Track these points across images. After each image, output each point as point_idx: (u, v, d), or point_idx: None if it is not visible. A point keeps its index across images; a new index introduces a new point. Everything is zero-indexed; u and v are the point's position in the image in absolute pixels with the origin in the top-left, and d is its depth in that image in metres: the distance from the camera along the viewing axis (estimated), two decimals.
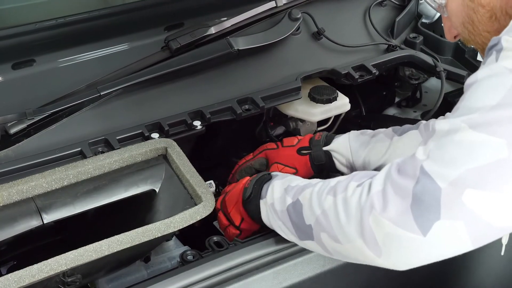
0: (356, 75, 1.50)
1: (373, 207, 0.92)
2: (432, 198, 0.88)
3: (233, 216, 1.20)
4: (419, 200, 0.89)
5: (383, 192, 0.92)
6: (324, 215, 0.99)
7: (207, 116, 1.35)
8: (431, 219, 0.88)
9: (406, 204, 0.89)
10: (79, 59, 1.40)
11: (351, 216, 0.94)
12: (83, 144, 1.26)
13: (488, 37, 0.96)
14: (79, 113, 1.32)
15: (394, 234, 0.90)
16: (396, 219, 0.90)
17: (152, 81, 1.39)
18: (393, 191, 0.91)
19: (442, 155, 0.89)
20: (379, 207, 0.91)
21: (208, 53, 1.43)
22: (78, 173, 1.20)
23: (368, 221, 0.92)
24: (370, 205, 0.92)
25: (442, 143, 0.90)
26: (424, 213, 0.88)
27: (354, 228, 0.94)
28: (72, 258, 1.04)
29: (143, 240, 1.08)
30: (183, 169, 1.22)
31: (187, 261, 1.13)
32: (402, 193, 0.90)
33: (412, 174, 0.91)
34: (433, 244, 0.89)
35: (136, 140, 1.30)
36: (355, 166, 1.31)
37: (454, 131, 0.89)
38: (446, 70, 1.57)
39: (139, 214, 1.22)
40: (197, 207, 1.14)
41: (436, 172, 0.89)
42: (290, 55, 1.54)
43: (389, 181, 0.93)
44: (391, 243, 0.91)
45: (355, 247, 0.95)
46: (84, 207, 1.18)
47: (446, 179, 0.88)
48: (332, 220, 0.97)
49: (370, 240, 0.93)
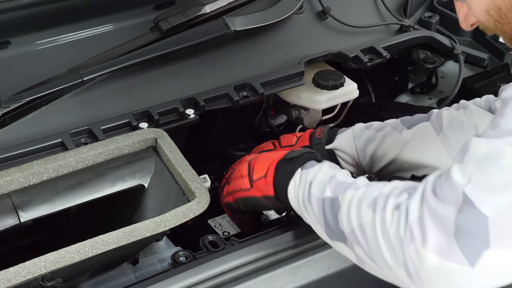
0: (365, 59, 1.50)
1: (413, 238, 0.91)
2: (479, 227, 0.87)
3: (257, 168, 1.17)
4: (463, 229, 0.88)
5: (420, 220, 0.91)
6: (361, 230, 0.98)
7: (201, 104, 1.35)
8: (479, 248, 0.87)
9: (449, 234, 0.89)
10: (60, 41, 1.40)
11: (390, 244, 0.94)
12: (64, 134, 1.26)
13: None
14: (59, 100, 1.31)
15: (439, 266, 0.90)
16: (440, 250, 0.89)
17: (140, 65, 1.39)
18: (432, 221, 0.90)
19: (487, 180, 0.88)
20: (419, 238, 0.90)
21: (202, 34, 1.43)
22: (59, 166, 1.20)
23: (409, 252, 0.91)
24: (410, 236, 0.91)
25: (485, 167, 0.89)
26: (471, 243, 0.88)
27: (393, 255, 0.93)
28: (52, 261, 1.04)
29: (131, 240, 1.08)
30: (175, 162, 1.22)
31: (179, 263, 1.13)
32: (443, 223, 0.89)
33: (452, 201, 0.89)
34: (482, 274, 0.89)
35: (123, 131, 1.29)
36: (361, 164, 1.32)
37: (498, 154, 0.88)
38: (465, 53, 1.57)
39: (126, 212, 1.22)
40: (190, 204, 1.14)
41: (482, 200, 0.87)
42: (292, 36, 1.54)
43: (426, 208, 0.91)
44: (436, 275, 0.90)
45: (394, 273, 0.95)
46: (65, 204, 1.17)
47: (494, 207, 0.87)
48: (370, 240, 0.97)
49: (412, 271, 0.92)
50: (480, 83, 1.59)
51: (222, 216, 1.36)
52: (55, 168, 1.20)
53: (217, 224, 1.35)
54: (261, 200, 1.18)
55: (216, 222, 1.36)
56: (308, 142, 1.36)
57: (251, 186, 1.18)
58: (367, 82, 1.66)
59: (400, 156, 1.29)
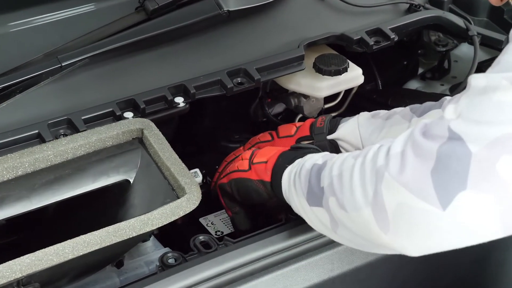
0: (371, 41, 1.49)
1: (388, 170, 0.92)
2: (459, 163, 0.87)
3: (261, 153, 1.22)
4: (442, 164, 0.88)
5: (402, 154, 0.92)
6: (339, 177, 1.00)
7: (191, 92, 1.35)
8: (454, 189, 0.87)
9: (427, 168, 0.89)
10: (36, 23, 1.40)
11: (364, 180, 0.95)
12: (41, 125, 1.26)
13: None
14: (35, 88, 1.31)
15: (407, 204, 0.90)
16: (412, 186, 0.89)
17: (125, 49, 1.38)
18: (414, 152, 0.91)
19: (476, 114, 0.89)
20: (394, 170, 0.91)
21: (192, 15, 1.43)
22: (35, 160, 1.20)
23: (380, 187, 0.92)
24: (385, 167, 0.92)
25: (477, 101, 0.90)
26: (447, 181, 0.88)
27: (363, 193, 0.95)
28: (28, 263, 1.03)
29: (115, 240, 1.08)
30: (163, 155, 1.22)
31: (168, 265, 1.13)
32: (423, 154, 0.90)
33: (438, 135, 0.90)
34: (453, 221, 0.88)
35: (106, 121, 1.29)
36: None
37: (493, 88, 0.89)
38: (481, 34, 1.57)
39: (110, 210, 1.22)
40: (179, 201, 1.14)
41: (468, 134, 0.88)
42: (291, 17, 1.54)
43: (410, 142, 0.93)
44: (402, 215, 0.91)
45: (360, 217, 0.95)
46: (42, 201, 1.17)
47: (480, 142, 0.87)
48: (345, 183, 0.98)
49: (379, 210, 0.93)
50: None
51: (215, 214, 1.36)
52: (31, 162, 1.19)
53: (210, 223, 1.35)
54: (255, 185, 1.20)
55: (208, 220, 1.36)
56: (308, 132, 1.36)
57: (249, 168, 1.20)
58: (373, 67, 1.66)
59: None
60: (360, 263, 1.19)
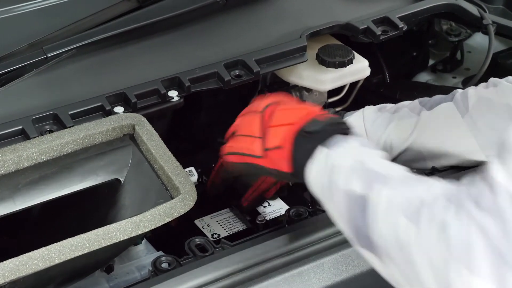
0: (378, 31, 1.50)
1: (460, 261, 0.88)
2: None
3: (272, 134, 1.13)
4: None
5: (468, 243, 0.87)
6: (397, 245, 0.94)
7: (186, 85, 1.35)
8: None
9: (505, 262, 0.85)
10: (19, 10, 1.40)
11: (432, 265, 0.90)
12: (26, 121, 1.26)
13: None
14: (19, 80, 1.31)
15: None
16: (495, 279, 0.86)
17: (114, 39, 1.39)
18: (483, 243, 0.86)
19: None
20: (466, 262, 0.87)
21: (187, 3, 1.44)
22: (19, 158, 1.20)
23: (454, 278, 0.88)
24: (457, 259, 0.88)
25: None
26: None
27: (435, 281, 0.90)
28: (11, 268, 1.03)
29: (104, 244, 1.08)
30: (156, 153, 1.22)
31: (162, 269, 1.13)
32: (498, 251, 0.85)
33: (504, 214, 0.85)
34: None
35: (95, 116, 1.29)
36: None
37: None
38: (496, 23, 1.57)
39: (99, 211, 1.23)
40: (173, 201, 1.14)
41: None
42: (292, 5, 1.54)
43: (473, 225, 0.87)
44: None
45: None
46: (27, 202, 1.17)
47: None
48: (407, 258, 0.93)
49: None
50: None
51: (212, 216, 1.36)
52: (14, 160, 1.19)
53: (206, 225, 1.35)
54: (273, 173, 1.14)
55: (204, 222, 1.36)
56: None
57: (263, 156, 1.13)
58: (380, 58, 1.66)
59: (418, 142, 1.29)
60: (366, 268, 1.20)
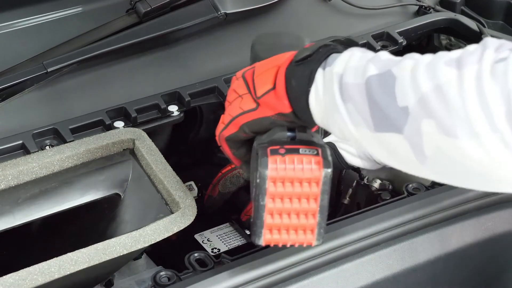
0: (378, 46, 1.50)
1: None
2: None
3: (260, 81, 1.03)
4: None
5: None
6: (438, 93, 0.85)
7: (186, 99, 1.35)
8: None
9: None
10: (20, 26, 1.41)
11: (491, 99, 0.82)
12: (26, 135, 1.26)
13: None
14: (19, 95, 1.32)
15: None
16: None
17: (115, 54, 1.39)
18: None
19: None
20: None
21: (187, 18, 1.44)
22: (19, 173, 1.20)
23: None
24: None
25: None
26: None
27: (487, 117, 0.82)
28: (11, 283, 1.03)
29: (104, 259, 1.08)
30: (156, 168, 1.22)
31: (161, 284, 1.13)
32: None
33: None
34: None
35: (95, 131, 1.30)
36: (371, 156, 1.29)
37: None
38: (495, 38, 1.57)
39: (99, 226, 1.22)
40: (173, 216, 1.14)
41: None
42: (292, 20, 1.55)
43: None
44: None
45: (483, 145, 0.83)
46: (27, 217, 1.17)
47: None
48: (453, 100, 0.84)
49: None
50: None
51: (211, 230, 1.36)
52: (14, 175, 1.19)
53: (205, 239, 1.35)
54: (276, 120, 1.04)
55: (204, 237, 1.36)
56: None
57: (258, 105, 1.04)
58: None
59: None
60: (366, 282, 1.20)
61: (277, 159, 1.01)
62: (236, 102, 1.07)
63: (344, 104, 0.94)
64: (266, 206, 1.02)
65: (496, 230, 1.29)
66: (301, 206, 1.03)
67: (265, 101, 1.03)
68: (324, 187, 1.02)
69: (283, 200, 1.03)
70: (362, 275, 1.20)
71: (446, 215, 1.26)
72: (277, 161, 1.01)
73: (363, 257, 1.20)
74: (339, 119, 0.95)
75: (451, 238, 1.26)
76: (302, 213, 1.04)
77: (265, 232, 1.04)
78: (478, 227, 1.28)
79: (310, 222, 1.04)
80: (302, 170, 1.01)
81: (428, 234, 1.24)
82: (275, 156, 1.00)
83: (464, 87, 0.84)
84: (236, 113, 1.06)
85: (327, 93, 0.96)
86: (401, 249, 1.22)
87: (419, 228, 1.24)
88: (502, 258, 1.33)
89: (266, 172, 1.00)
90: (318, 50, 0.99)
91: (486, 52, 0.85)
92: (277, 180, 1.01)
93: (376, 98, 0.90)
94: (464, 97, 0.84)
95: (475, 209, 1.26)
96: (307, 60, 0.99)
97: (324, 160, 1.01)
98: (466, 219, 1.26)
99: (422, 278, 1.25)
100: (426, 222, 1.24)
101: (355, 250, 1.19)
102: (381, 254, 1.21)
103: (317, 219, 1.04)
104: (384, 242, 1.21)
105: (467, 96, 0.84)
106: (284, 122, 1.04)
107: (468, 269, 1.30)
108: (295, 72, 0.99)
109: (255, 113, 1.04)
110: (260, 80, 1.03)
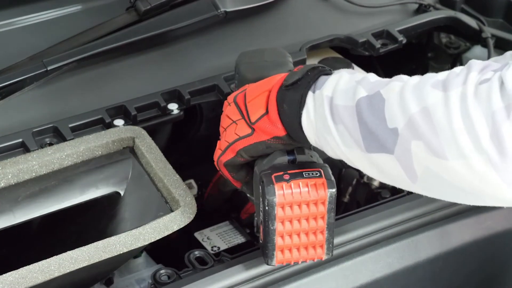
0: (378, 44, 1.50)
1: None
2: None
3: (252, 106, 1.06)
4: None
5: None
6: (425, 115, 0.87)
7: (185, 98, 1.35)
8: None
9: None
10: (19, 24, 1.40)
11: (475, 120, 0.83)
12: (26, 133, 1.26)
13: None
14: (19, 93, 1.31)
15: None
16: None
17: (114, 52, 1.39)
18: None
19: None
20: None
21: (187, 16, 1.44)
22: (19, 171, 1.20)
23: (501, 130, 0.82)
24: (506, 107, 0.82)
25: None
26: None
27: (472, 139, 0.84)
28: (11, 281, 1.03)
29: (104, 257, 1.08)
30: (156, 166, 1.22)
31: (161, 282, 1.13)
32: None
33: None
34: None
35: (95, 129, 1.29)
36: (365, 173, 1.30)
37: None
38: (495, 36, 1.57)
39: (99, 224, 1.22)
40: (173, 214, 1.14)
41: None
42: (292, 18, 1.55)
43: None
44: None
45: (470, 166, 0.85)
46: (27, 215, 1.17)
47: None
48: (440, 122, 0.86)
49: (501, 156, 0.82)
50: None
51: (211, 228, 1.36)
52: (14, 173, 1.19)
53: (205, 238, 1.35)
54: (272, 143, 1.06)
55: (204, 235, 1.36)
56: None
57: (253, 130, 1.07)
58: (380, 71, 1.67)
59: None
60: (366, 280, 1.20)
61: (283, 185, 1.05)
62: (231, 128, 1.10)
63: (335, 126, 0.97)
64: (276, 230, 1.07)
65: (496, 228, 1.29)
66: (310, 226, 1.07)
67: (259, 126, 1.06)
68: (330, 205, 1.06)
69: (292, 222, 1.07)
70: (362, 273, 1.20)
71: (446, 213, 1.26)
72: (283, 187, 1.05)
73: (363, 255, 1.20)
74: (331, 140, 0.98)
75: (450, 236, 1.26)
76: (311, 232, 1.08)
77: (277, 254, 1.08)
78: (477, 225, 1.28)
79: (319, 239, 1.08)
80: (308, 193, 1.05)
81: (428, 232, 1.24)
82: (281, 183, 1.05)
83: (449, 108, 0.86)
84: (232, 139, 1.09)
85: (318, 116, 0.99)
86: (400, 247, 1.22)
87: (419, 226, 1.24)
88: (502, 256, 1.34)
89: (274, 199, 1.05)
90: (307, 73, 1.02)
91: (470, 74, 0.87)
92: (285, 205, 1.05)
93: (366, 120, 0.93)
94: (450, 119, 0.86)
95: (475, 207, 1.26)
96: (296, 84, 1.02)
97: (328, 181, 1.06)
98: (466, 217, 1.27)
99: (422, 276, 1.25)
100: (426, 220, 1.25)
101: (355, 248, 1.20)
102: (381, 252, 1.21)
103: (325, 236, 1.08)
104: (384, 240, 1.22)
105: (453, 117, 0.86)
106: (280, 145, 1.07)
107: (467, 267, 1.30)
108: (286, 96, 1.03)
109: (251, 138, 1.07)
110: (253, 105, 1.07)
